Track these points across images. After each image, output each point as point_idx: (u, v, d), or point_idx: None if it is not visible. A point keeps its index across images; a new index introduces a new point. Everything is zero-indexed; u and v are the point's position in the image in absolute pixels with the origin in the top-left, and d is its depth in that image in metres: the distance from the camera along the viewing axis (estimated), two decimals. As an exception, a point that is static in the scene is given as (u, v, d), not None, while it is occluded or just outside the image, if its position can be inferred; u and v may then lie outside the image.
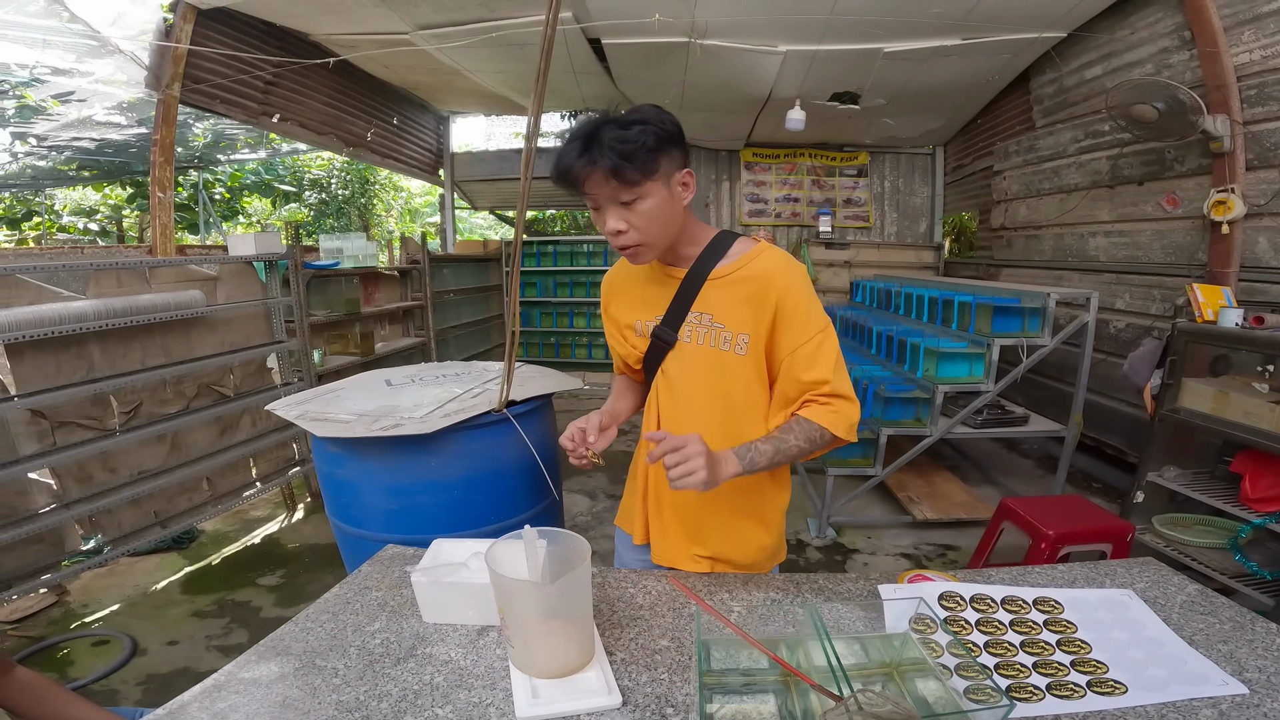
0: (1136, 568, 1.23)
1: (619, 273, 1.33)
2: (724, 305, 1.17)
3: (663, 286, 1.22)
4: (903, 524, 3.26)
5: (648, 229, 1.08)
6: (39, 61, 3.47)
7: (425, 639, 1.02)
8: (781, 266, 1.15)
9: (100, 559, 2.75)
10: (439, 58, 4.08)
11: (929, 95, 4.62)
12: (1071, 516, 2.28)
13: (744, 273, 1.16)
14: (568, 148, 1.05)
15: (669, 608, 1.10)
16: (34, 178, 7.26)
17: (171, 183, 3.89)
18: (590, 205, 1.10)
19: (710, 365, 1.19)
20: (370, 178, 9.62)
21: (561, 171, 1.06)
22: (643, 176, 1.04)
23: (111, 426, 2.92)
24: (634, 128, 1.03)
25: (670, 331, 1.21)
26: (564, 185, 1.08)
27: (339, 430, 1.56)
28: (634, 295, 1.28)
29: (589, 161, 1.02)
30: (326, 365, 4.03)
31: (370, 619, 1.09)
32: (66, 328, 2.60)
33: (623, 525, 1.40)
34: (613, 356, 1.40)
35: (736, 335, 1.16)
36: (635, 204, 1.06)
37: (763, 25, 3.31)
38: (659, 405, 1.26)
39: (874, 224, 6.55)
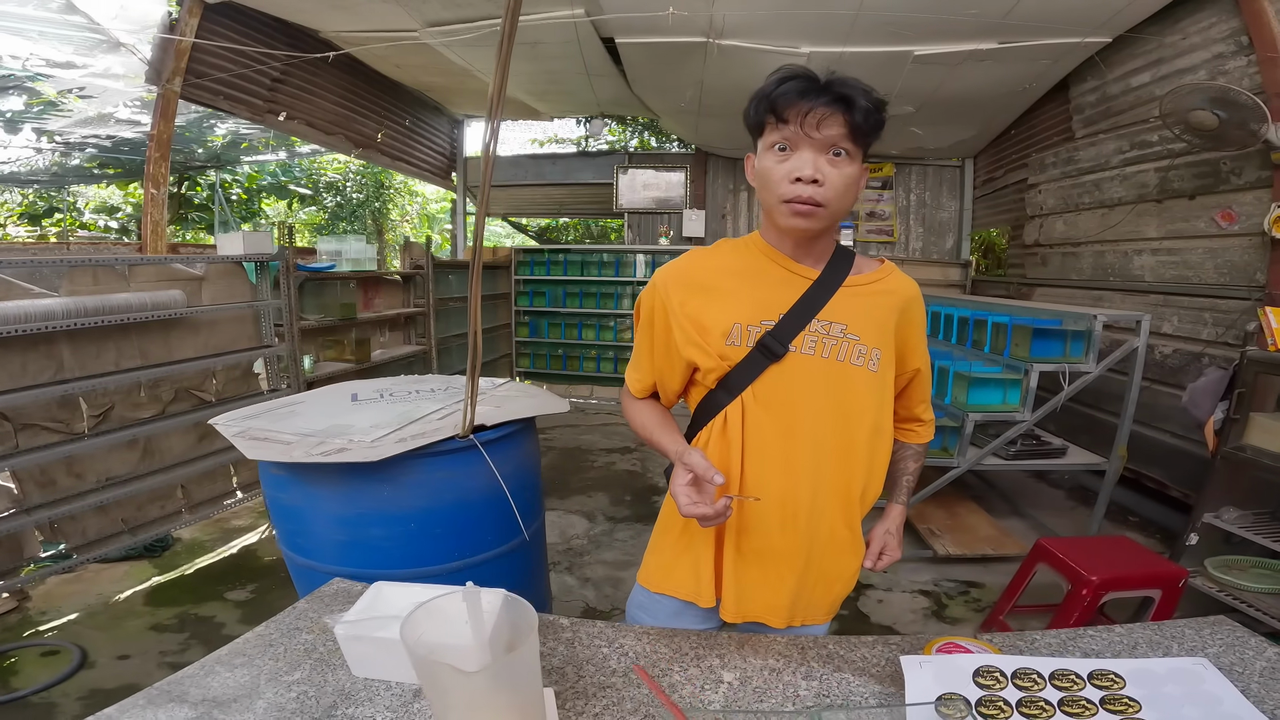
0: (1208, 629, 1.06)
1: (699, 264, 1.09)
2: (861, 315, 1.04)
3: (780, 285, 1.04)
4: (923, 558, 3.01)
5: (839, 193, 0.97)
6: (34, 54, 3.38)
7: (350, 696, 0.87)
8: (916, 287, 1.13)
9: (61, 566, 2.61)
10: (449, 56, 3.95)
11: (960, 103, 4.39)
12: (1116, 560, 2.05)
13: (886, 285, 1.09)
14: (804, 81, 0.94)
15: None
16: (56, 174, 7.30)
17: (166, 179, 3.79)
18: (778, 145, 0.97)
19: (837, 382, 1.03)
20: (385, 182, 9.58)
21: (788, 97, 0.93)
22: (865, 142, 0.98)
23: (79, 430, 2.77)
24: (876, 96, 0.97)
25: (782, 340, 1.01)
26: (775, 114, 0.95)
27: (277, 453, 1.37)
28: (730, 290, 1.05)
29: (837, 99, 0.93)
30: (318, 372, 3.87)
31: (292, 667, 0.93)
32: (32, 326, 2.47)
33: (666, 590, 1.14)
34: (642, 377, 1.14)
35: (871, 350, 1.04)
36: (842, 163, 0.96)
37: (785, 24, 3.12)
38: (743, 437, 1.03)
39: (899, 239, 6.30)
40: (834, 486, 1.06)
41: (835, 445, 1.04)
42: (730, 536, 1.07)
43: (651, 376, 1.13)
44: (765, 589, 1.07)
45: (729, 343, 1.03)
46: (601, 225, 8.77)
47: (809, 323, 1.02)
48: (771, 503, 1.03)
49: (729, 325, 1.03)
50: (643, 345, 1.13)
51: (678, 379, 1.11)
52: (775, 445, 1.03)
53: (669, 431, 1.09)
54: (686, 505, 0.93)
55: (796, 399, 1.02)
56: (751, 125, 1.01)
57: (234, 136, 6.98)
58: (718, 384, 1.06)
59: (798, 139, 0.95)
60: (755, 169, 1.03)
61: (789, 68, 0.98)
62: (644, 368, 1.14)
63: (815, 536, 1.06)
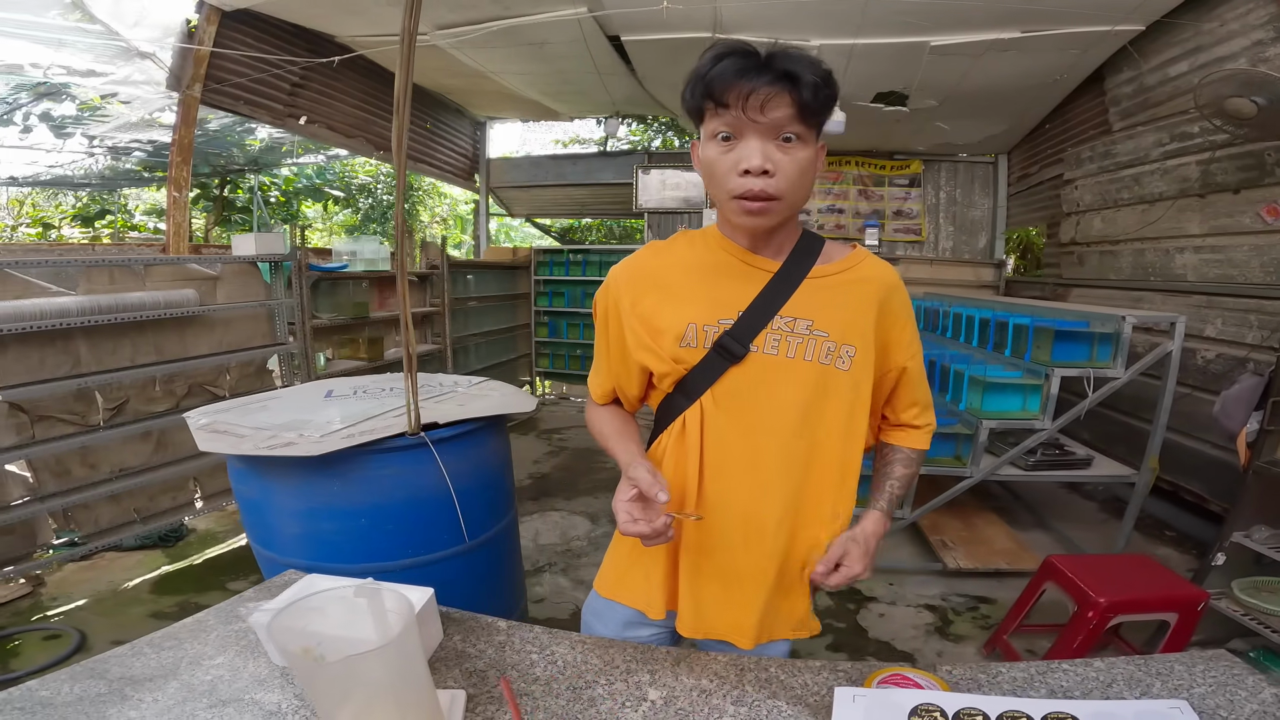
0: (1202, 664, 0.95)
1: (653, 260, 1.03)
2: (829, 309, 0.96)
3: (738, 279, 0.97)
4: (932, 571, 2.89)
5: (794, 182, 0.88)
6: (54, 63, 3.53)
7: (264, 683, 0.87)
8: (894, 274, 1.03)
9: (74, 553, 2.71)
10: (460, 59, 3.99)
11: (987, 96, 4.23)
12: (1131, 581, 1.92)
13: (856, 274, 0.99)
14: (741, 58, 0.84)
15: (568, 685, 0.90)
16: (107, 178, 7.66)
17: (187, 183, 3.92)
18: (722, 134, 0.87)
19: (803, 384, 0.95)
20: (415, 183, 9.77)
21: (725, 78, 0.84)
22: (816, 121, 0.88)
23: (94, 422, 2.88)
24: (824, 68, 0.87)
25: (742, 340, 0.94)
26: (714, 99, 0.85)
27: (229, 445, 1.38)
28: (684, 288, 0.98)
29: (781, 76, 0.83)
30: (331, 369, 3.95)
31: (218, 651, 0.94)
32: (48, 323, 2.57)
33: (618, 597, 1.09)
34: (602, 382, 1.09)
35: (841, 346, 0.95)
36: (794, 148, 0.86)
37: (791, 17, 3.04)
38: (701, 444, 0.97)
39: (927, 238, 6.11)
40: (805, 498, 0.98)
41: (803, 453, 0.96)
42: (687, 552, 1.00)
43: (610, 381, 1.08)
44: (730, 607, 1.00)
45: (683, 344, 0.96)
46: (625, 225, 8.77)
47: (771, 320, 0.95)
48: (734, 517, 0.97)
49: (683, 326, 0.96)
50: (600, 348, 1.08)
51: (635, 384, 1.05)
52: (737, 453, 0.96)
53: (623, 440, 1.02)
54: (625, 523, 0.87)
55: (759, 403, 0.95)
56: (690, 110, 0.92)
57: (271, 140, 7.21)
58: (675, 388, 1.00)
59: (742, 125, 0.86)
60: (700, 160, 0.94)
61: (725, 43, 0.88)
62: (602, 371, 1.08)
63: (787, 553, 0.99)
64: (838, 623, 2.50)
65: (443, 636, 1.02)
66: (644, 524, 0.86)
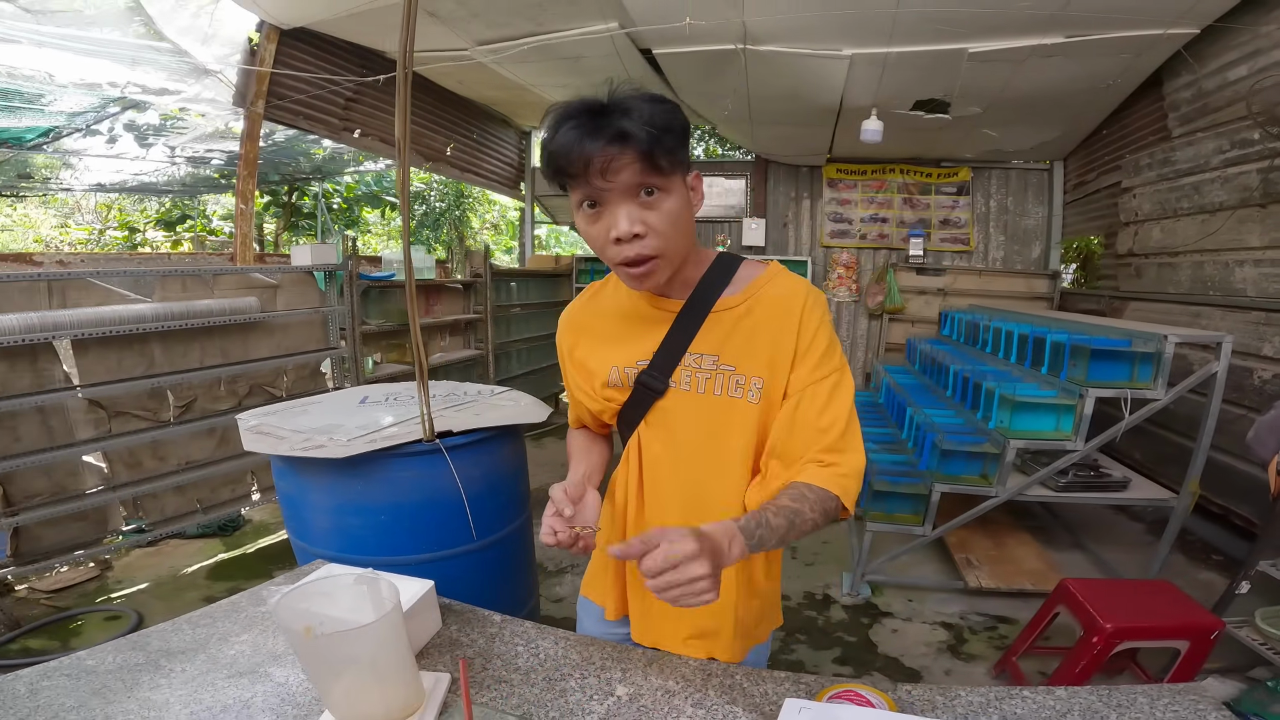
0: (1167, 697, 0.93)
1: (585, 308, 1.12)
2: (733, 343, 0.98)
3: (649, 322, 1.02)
4: (954, 589, 2.87)
5: (670, 234, 0.88)
6: (130, 80, 3.89)
7: (278, 659, 0.99)
8: (801, 291, 1.00)
9: (141, 539, 2.99)
10: (502, 72, 4.18)
11: (1035, 102, 4.14)
12: (1144, 607, 1.89)
13: (758, 300, 0.99)
14: (575, 123, 0.83)
15: (545, 676, 0.99)
16: (188, 185, 8.26)
17: (253, 195, 4.23)
18: (586, 203, 0.88)
19: (714, 417, 0.99)
20: (465, 191, 10.14)
21: (566, 150, 0.83)
22: (673, 164, 0.86)
23: (165, 419, 3.17)
24: (662, 104, 0.86)
25: (660, 377, 1.00)
26: (562, 172, 0.86)
27: (269, 446, 1.55)
28: (609, 333, 1.06)
29: (616, 136, 0.81)
30: (379, 372, 4.19)
31: (244, 629, 1.07)
32: (126, 328, 2.85)
33: (590, 595, 1.19)
34: (571, 410, 1.20)
35: (750, 379, 0.97)
36: (657, 201, 0.87)
37: (821, 27, 3.08)
38: (641, 469, 1.06)
39: (975, 247, 5.96)
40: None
41: (719, 484, 1.01)
42: (633, 565, 1.06)
43: (576, 410, 1.18)
44: (671, 618, 1.07)
45: (610, 385, 1.04)
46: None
47: (682, 357, 0.99)
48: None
49: (608, 369, 1.04)
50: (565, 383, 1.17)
51: (588, 416, 1.15)
52: (668, 479, 1.03)
53: (577, 463, 1.12)
54: (541, 534, 0.93)
55: (684, 434, 1.01)
56: (552, 182, 0.90)
57: (333, 150, 7.65)
58: (618, 420, 1.08)
59: (599, 193, 0.85)
60: (579, 230, 0.96)
61: (558, 108, 0.87)
62: (573, 400, 1.17)
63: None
64: (848, 636, 2.53)
65: (440, 625, 1.14)
66: (550, 536, 0.91)
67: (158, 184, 8.18)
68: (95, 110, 4.94)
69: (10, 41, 3.24)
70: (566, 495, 0.92)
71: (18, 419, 2.61)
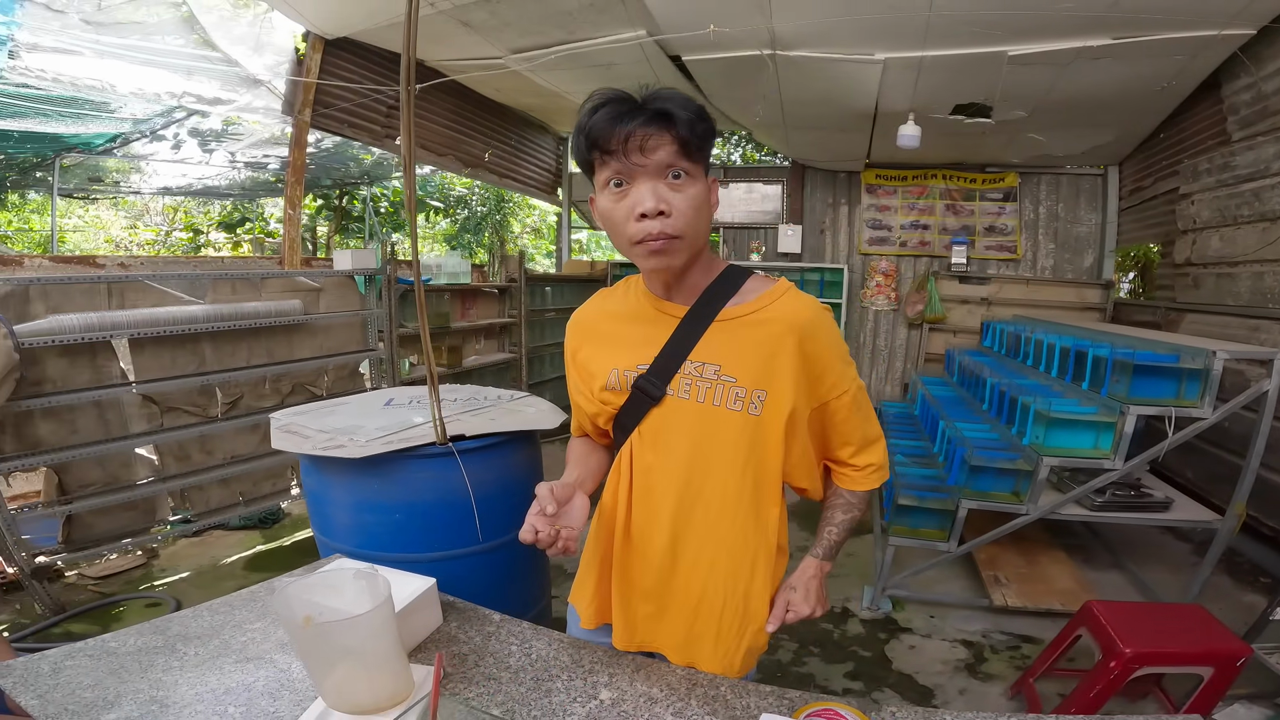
0: None
1: (594, 309, 1.13)
2: (737, 353, 0.98)
3: (653, 326, 1.03)
4: (979, 606, 2.82)
5: (692, 220, 0.91)
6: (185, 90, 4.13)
7: (284, 647, 1.05)
8: (814, 309, 1.02)
9: (187, 529, 3.18)
10: (536, 80, 4.28)
11: (1084, 105, 4.01)
12: (1169, 631, 1.83)
13: (766, 314, 1.00)
14: (616, 104, 0.89)
15: (533, 676, 1.03)
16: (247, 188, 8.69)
17: (300, 200, 4.43)
18: (614, 181, 0.91)
19: (713, 428, 0.99)
20: (506, 196, 10.35)
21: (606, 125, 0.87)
22: (702, 155, 0.92)
23: (213, 414, 3.36)
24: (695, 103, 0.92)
25: (658, 383, 1.00)
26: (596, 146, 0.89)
27: (294, 444, 1.65)
28: (613, 336, 1.07)
29: (656, 115, 0.87)
30: (413, 374, 4.33)
31: (258, 618, 1.14)
32: (179, 328, 3.04)
33: (574, 602, 1.20)
34: (574, 417, 1.21)
35: (752, 392, 0.97)
36: (684, 185, 0.90)
37: (851, 31, 3.06)
38: (631, 478, 1.06)
39: (1023, 255, 5.79)
40: (722, 537, 1.03)
41: (714, 496, 1.01)
42: (618, 570, 1.09)
43: (578, 416, 1.19)
44: (658, 622, 1.08)
45: (608, 388, 1.05)
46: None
47: (681, 364, 0.99)
48: (659, 543, 1.04)
49: (607, 371, 1.04)
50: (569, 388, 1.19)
51: (589, 423, 1.15)
52: (659, 486, 1.03)
53: (572, 467, 1.13)
54: (522, 531, 0.92)
55: (678, 442, 1.01)
56: (581, 165, 0.96)
57: (380, 155, 7.93)
58: (614, 424, 1.09)
59: (629, 170, 0.89)
60: (598, 212, 0.97)
61: (600, 93, 0.92)
62: (574, 405, 1.18)
63: (705, 586, 1.04)
64: (863, 650, 2.50)
65: (441, 621, 1.20)
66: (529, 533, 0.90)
67: (219, 187, 8.64)
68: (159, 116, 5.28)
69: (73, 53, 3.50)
70: (552, 494, 0.92)
71: (76, 412, 2.81)
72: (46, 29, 3.27)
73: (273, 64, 3.98)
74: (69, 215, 10.41)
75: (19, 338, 2.44)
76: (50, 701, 0.85)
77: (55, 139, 5.47)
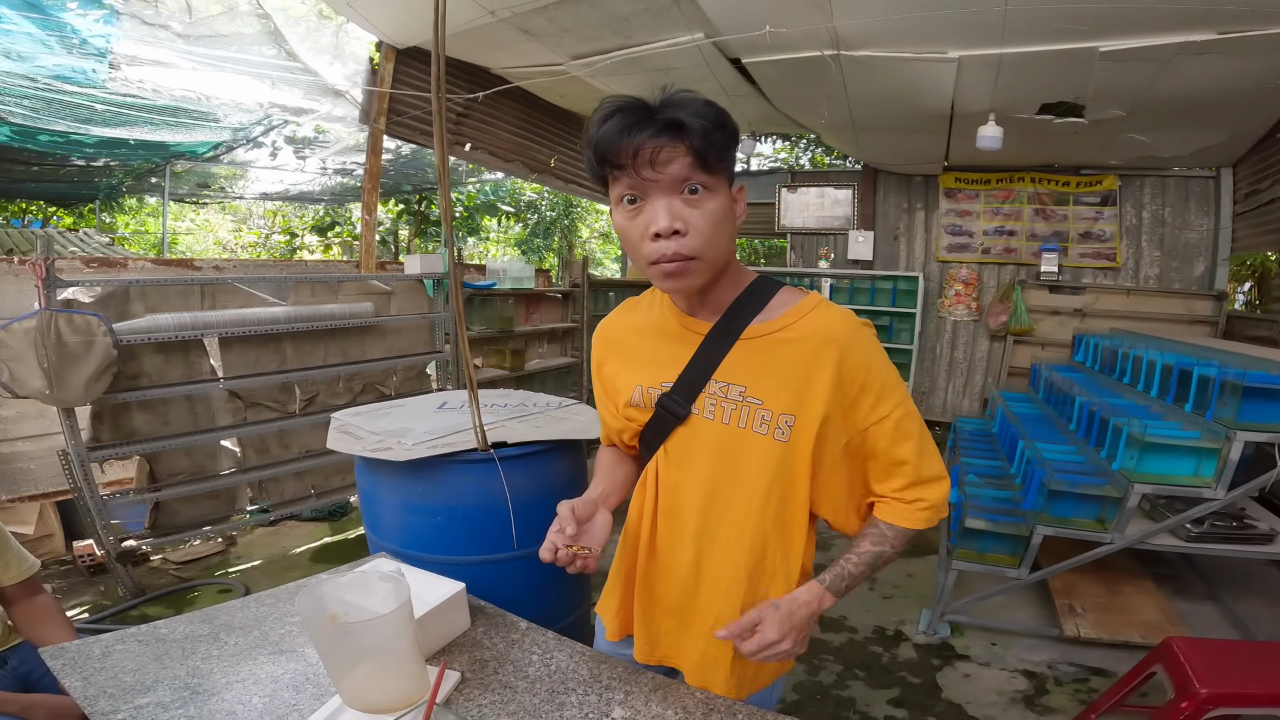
0: None
1: (619, 322, 1.11)
2: (764, 374, 0.94)
3: (678, 342, 1.00)
4: (1048, 636, 2.64)
5: (711, 236, 0.86)
6: (270, 100, 4.43)
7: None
8: (847, 323, 0.95)
9: (264, 519, 3.40)
10: (597, 85, 4.34)
11: (1191, 103, 3.69)
12: (1255, 670, 1.66)
13: (794, 331, 0.94)
14: (626, 114, 0.84)
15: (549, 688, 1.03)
16: (337, 194, 9.26)
17: (376, 206, 4.67)
18: (627, 198, 0.87)
19: (739, 451, 0.96)
20: (574, 201, 10.55)
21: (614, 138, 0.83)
22: (721, 164, 0.85)
23: (292, 410, 3.58)
24: (714, 106, 0.86)
25: (682, 402, 0.97)
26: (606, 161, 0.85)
27: (346, 445, 1.74)
28: (637, 352, 1.05)
29: (668, 126, 0.82)
30: (478, 377, 4.46)
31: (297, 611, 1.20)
32: (263, 328, 3.26)
33: (601, 613, 1.20)
34: (602, 427, 1.18)
35: (779, 416, 0.93)
36: (701, 200, 0.85)
37: (920, 28, 2.93)
38: (656, 495, 1.04)
39: (1122, 264, 5.38)
40: (741, 564, 1.00)
41: (737, 518, 0.98)
42: (641, 585, 1.09)
43: (606, 427, 1.17)
44: (681, 636, 1.07)
45: (632, 404, 1.03)
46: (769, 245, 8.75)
47: (706, 384, 0.96)
48: (683, 560, 1.03)
49: (631, 388, 1.02)
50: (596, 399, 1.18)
51: (614, 433, 1.13)
52: (683, 506, 1.01)
53: (598, 480, 1.12)
54: (541, 549, 0.93)
55: (702, 463, 0.98)
56: (595, 178, 0.91)
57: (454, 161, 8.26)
58: (639, 440, 1.07)
59: (642, 185, 0.84)
60: (615, 228, 0.94)
61: (609, 100, 0.87)
62: (601, 417, 1.16)
63: (724, 609, 1.01)
64: (912, 677, 2.39)
65: (468, 626, 1.22)
66: (548, 552, 0.91)
67: (312, 192, 9.24)
68: (256, 124, 5.71)
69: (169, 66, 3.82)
70: (573, 514, 0.91)
71: (169, 405, 3.06)
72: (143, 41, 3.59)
73: (350, 74, 4.22)
74: (181, 218, 11.41)
75: (117, 335, 2.68)
76: (92, 684, 0.92)
77: (164, 147, 5.99)
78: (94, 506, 2.70)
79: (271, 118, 5.18)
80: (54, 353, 2.48)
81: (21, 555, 1.44)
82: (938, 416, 5.99)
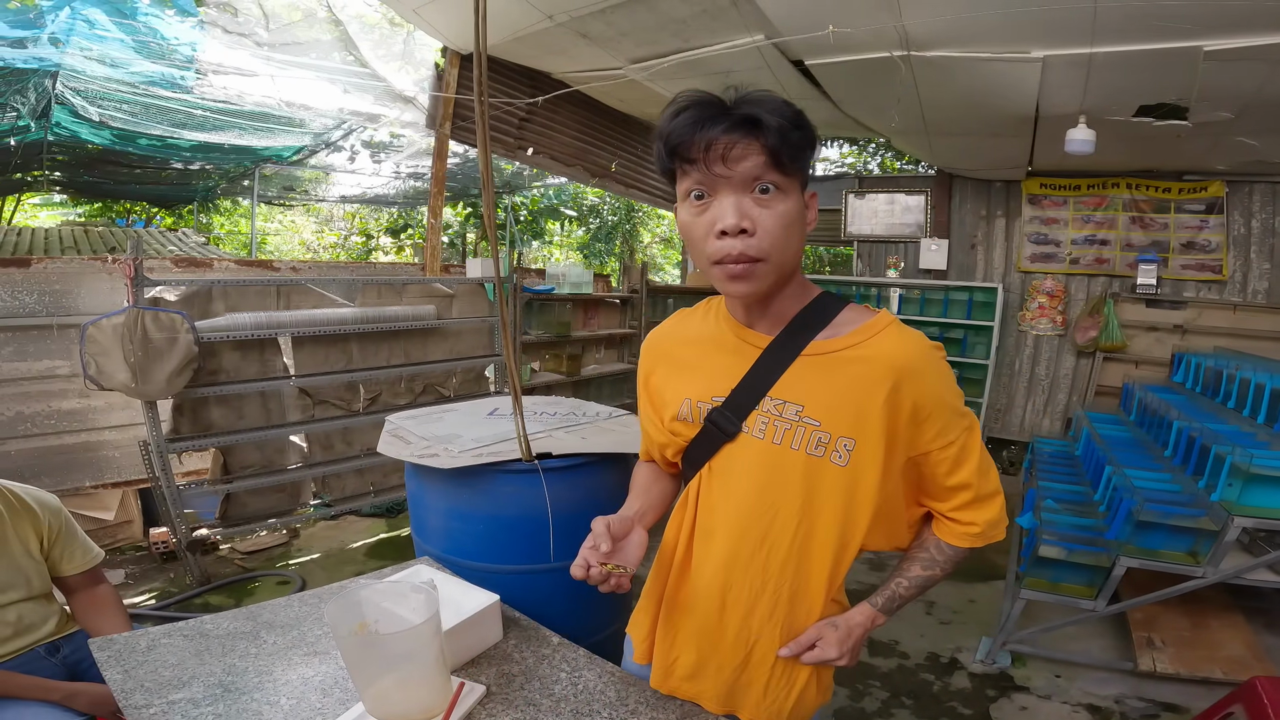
0: None
1: (670, 332, 1.08)
2: (824, 393, 0.90)
3: (733, 355, 0.96)
4: (1119, 669, 2.46)
5: (779, 239, 0.83)
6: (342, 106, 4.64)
7: None
8: (921, 347, 0.92)
9: (326, 513, 3.56)
10: (657, 89, 4.33)
11: (1310, 103, 3.35)
12: None
13: (862, 351, 0.91)
14: (701, 108, 0.82)
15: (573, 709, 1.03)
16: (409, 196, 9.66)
17: (442, 210, 4.82)
18: (694, 193, 0.85)
19: (785, 474, 0.91)
20: (635, 206, 10.60)
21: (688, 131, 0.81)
22: (795, 166, 0.83)
23: (356, 409, 3.74)
24: (792, 106, 0.84)
25: (733, 419, 0.93)
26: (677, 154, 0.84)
27: (396, 450, 1.80)
28: (688, 363, 1.01)
29: (743, 121, 0.80)
30: (535, 380, 4.55)
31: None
32: (332, 328, 3.42)
33: (631, 633, 1.16)
34: (642, 441, 1.15)
35: (838, 439, 0.89)
36: (772, 200, 0.82)
37: (999, 27, 2.77)
38: (695, 517, 1.00)
39: (1230, 277, 4.96)
40: (784, 591, 0.96)
41: (787, 542, 0.94)
42: (666, 609, 1.05)
43: (646, 442, 1.14)
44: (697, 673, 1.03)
45: (679, 419, 0.99)
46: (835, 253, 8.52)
47: (760, 401, 0.92)
48: (713, 586, 0.99)
49: (680, 401, 0.99)
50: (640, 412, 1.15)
51: (656, 450, 1.10)
52: (722, 528, 0.97)
53: (634, 497, 1.10)
54: (573, 565, 0.91)
55: (748, 483, 0.94)
56: (663, 173, 0.90)
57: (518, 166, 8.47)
58: (683, 457, 1.03)
59: (711, 181, 0.82)
60: (679, 224, 0.91)
61: (684, 94, 0.85)
62: (643, 431, 1.14)
63: (760, 636, 0.98)
64: (963, 708, 2.26)
65: (500, 638, 1.24)
66: (580, 569, 0.90)
67: (387, 195, 9.67)
68: (335, 129, 6.02)
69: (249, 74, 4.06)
70: (608, 531, 0.90)
71: (244, 400, 3.26)
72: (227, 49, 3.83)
73: (419, 79, 4.38)
74: (270, 220, 12.16)
75: (199, 333, 2.87)
76: (132, 677, 0.98)
77: (252, 150, 6.39)
78: (170, 495, 2.89)
79: (348, 123, 5.44)
80: (139, 348, 2.67)
81: (86, 545, 1.53)
82: (1014, 435, 5.68)
